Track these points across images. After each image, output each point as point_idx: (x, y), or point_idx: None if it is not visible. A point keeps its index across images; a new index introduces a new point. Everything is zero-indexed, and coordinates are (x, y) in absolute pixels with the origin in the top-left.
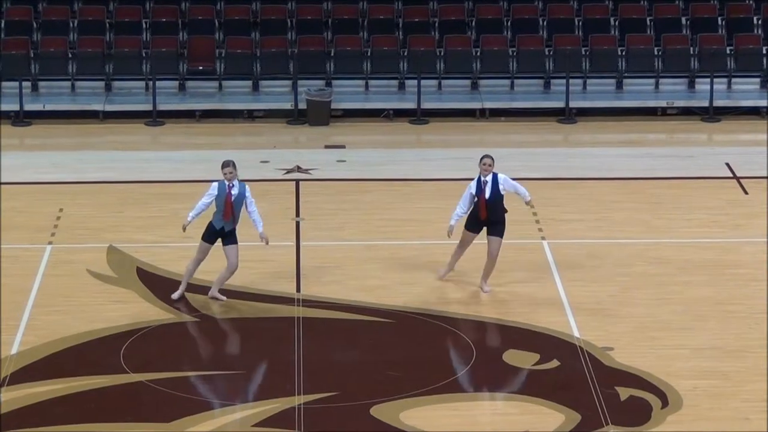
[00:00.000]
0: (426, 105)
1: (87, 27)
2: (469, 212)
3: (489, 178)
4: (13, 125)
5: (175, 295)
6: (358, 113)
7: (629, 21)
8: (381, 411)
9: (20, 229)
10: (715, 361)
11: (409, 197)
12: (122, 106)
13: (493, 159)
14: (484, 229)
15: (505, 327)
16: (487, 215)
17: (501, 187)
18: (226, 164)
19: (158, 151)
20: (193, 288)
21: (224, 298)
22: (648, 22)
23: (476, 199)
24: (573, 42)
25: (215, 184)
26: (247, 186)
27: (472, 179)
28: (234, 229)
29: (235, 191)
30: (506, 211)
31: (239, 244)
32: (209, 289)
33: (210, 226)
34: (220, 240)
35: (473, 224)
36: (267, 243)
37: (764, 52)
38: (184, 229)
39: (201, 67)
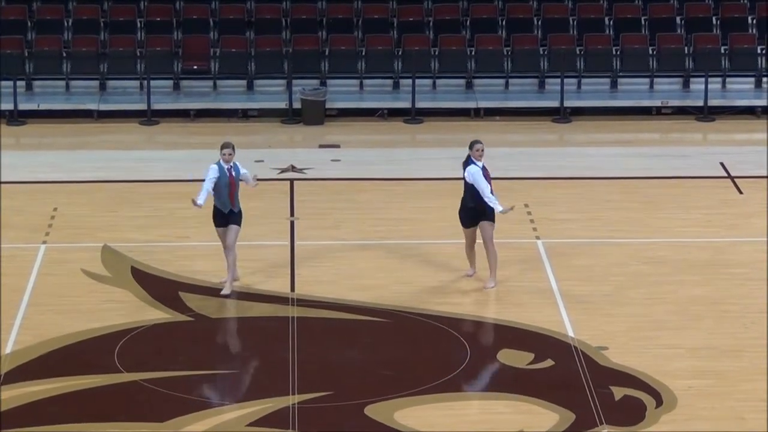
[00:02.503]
0: (420, 104)
1: (81, 26)
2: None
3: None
4: (7, 124)
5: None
6: (353, 113)
7: (624, 20)
8: (375, 410)
9: (15, 229)
10: (709, 360)
11: (404, 197)
12: (117, 105)
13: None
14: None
15: (500, 326)
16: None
17: (466, 174)
18: (226, 145)
19: (153, 151)
20: (188, 288)
21: (228, 292)
22: (642, 22)
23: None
24: (568, 41)
25: (214, 166)
26: (239, 164)
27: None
28: (239, 211)
29: (235, 173)
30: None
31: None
32: (206, 289)
33: (217, 211)
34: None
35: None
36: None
37: (759, 51)
38: (196, 203)
39: (195, 67)
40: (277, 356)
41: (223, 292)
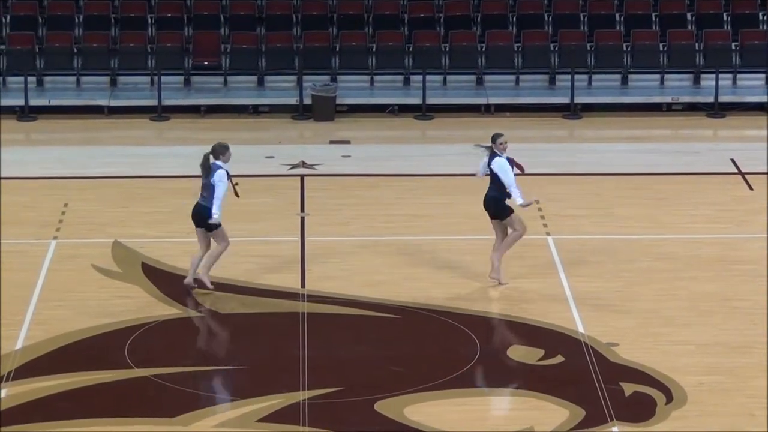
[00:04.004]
0: (431, 100)
1: (92, 22)
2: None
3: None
4: (18, 120)
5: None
6: (363, 109)
7: (634, 17)
8: (385, 406)
9: (25, 224)
10: (719, 357)
11: (414, 193)
12: (127, 101)
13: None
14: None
15: (510, 322)
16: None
17: (494, 166)
18: (227, 147)
19: (163, 146)
20: (198, 283)
21: (209, 286)
22: (653, 18)
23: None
24: (578, 37)
25: (223, 171)
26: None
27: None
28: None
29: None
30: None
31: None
32: (216, 284)
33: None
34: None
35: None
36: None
37: None
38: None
39: (206, 63)
40: (287, 352)
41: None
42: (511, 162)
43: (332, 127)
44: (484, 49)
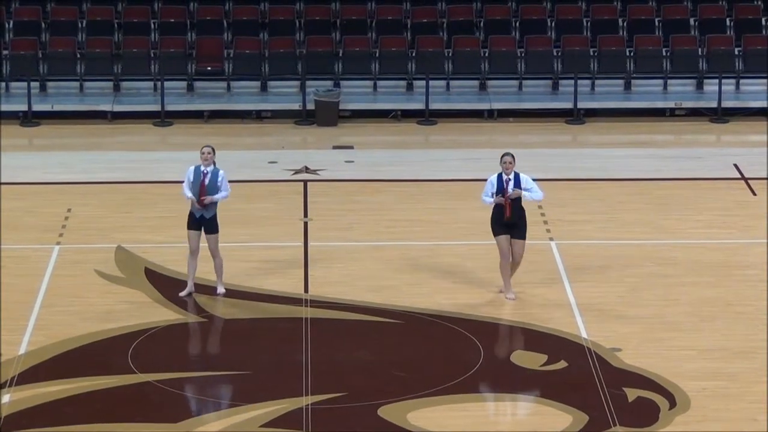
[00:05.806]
0: (434, 106)
1: (95, 27)
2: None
3: (512, 176)
4: (21, 125)
5: (183, 293)
6: (367, 114)
7: (637, 22)
8: (388, 411)
9: (28, 230)
10: (722, 362)
11: (418, 198)
12: (130, 106)
13: (514, 157)
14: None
15: (513, 328)
16: (511, 213)
17: (523, 186)
18: (205, 145)
19: (166, 152)
20: (199, 288)
21: (222, 290)
22: (656, 23)
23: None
24: (581, 43)
25: (191, 168)
26: (221, 172)
27: (480, 180)
28: (213, 217)
29: (208, 178)
30: (524, 210)
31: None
32: (215, 289)
33: (190, 215)
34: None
35: (499, 227)
36: (203, 205)
37: None
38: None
39: (209, 68)
40: (290, 357)
41: (219, 292)
42: (499, 181)
43: (335, 133)
44: (487, 54)
